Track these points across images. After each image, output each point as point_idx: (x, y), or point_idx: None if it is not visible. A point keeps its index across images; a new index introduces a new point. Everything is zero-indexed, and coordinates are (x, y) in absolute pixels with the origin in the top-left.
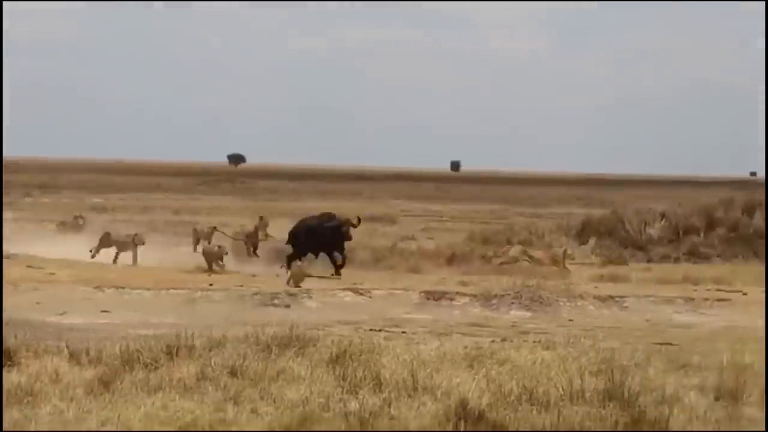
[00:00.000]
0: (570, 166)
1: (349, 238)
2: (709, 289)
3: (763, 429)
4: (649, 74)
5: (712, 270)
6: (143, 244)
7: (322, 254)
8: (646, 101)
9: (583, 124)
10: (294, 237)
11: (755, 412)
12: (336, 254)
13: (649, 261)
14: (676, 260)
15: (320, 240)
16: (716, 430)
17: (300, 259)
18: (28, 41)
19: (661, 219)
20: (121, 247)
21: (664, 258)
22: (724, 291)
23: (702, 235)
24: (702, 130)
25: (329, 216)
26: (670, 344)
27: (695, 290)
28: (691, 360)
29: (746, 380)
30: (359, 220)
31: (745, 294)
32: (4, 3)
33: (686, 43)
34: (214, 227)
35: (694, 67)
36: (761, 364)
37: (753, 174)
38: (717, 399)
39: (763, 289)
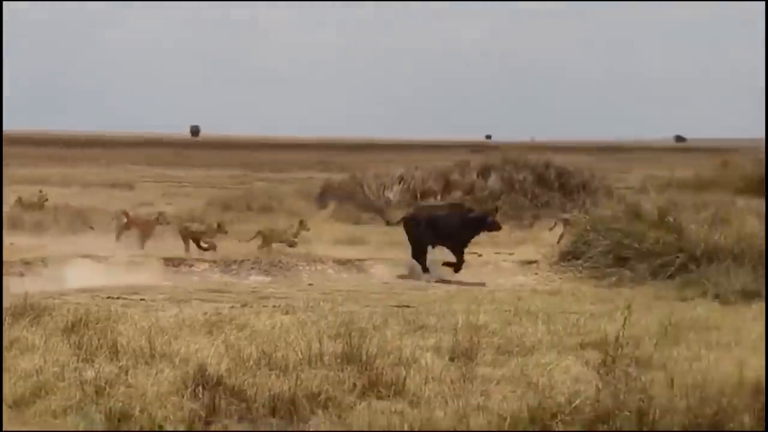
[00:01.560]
0: (310, 131)
1: (499, 228)
2: (444, 251)
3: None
4: (379, 39)
5: None
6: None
7: None
8: (378, 65)
9: (315, 88)
10: (415, 226)
11: (489, 371)
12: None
13: (387, 224)
14: None
15: (453, 232)
16: (452, 389)
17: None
18: None
19: (399, 182)
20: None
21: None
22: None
23: (439, 197)
24: (436, 95)
25: (459, 206)
26: (408, 306)
27: (431, 252)
28: (427, 321)
29: (479, 340)
30: (497, 210)
31: (480, 255)
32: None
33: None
34: None
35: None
36: (495, 325)
37: (488, 137)
38: (452, 359)
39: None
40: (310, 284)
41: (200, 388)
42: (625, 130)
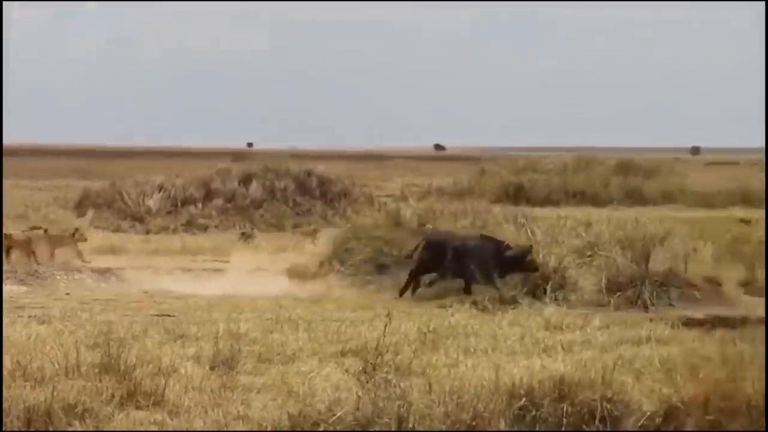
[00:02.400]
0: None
1: (536, 269)
2: (206, 260)
3: None
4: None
5: (209, 240)
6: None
7: None
8: (138, 72)
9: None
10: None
11: (249, 380)
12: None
13: (147, 232)
14: (174, 231)
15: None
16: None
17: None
18: None
19: (159, 190)
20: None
21: (163, 229)
22: (221, 261)
23: (200, 206)
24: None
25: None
26: (169, 315)
27: (194, 261)
28: (188, 330)
29: (240, 349)
30: (531, 248)
31: (241, 264)
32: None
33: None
34: None
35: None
36: (256, 333)
37: (250, 145)
38: (213, 368)
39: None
40: (67, 293)
41: None
42: (385, 139)
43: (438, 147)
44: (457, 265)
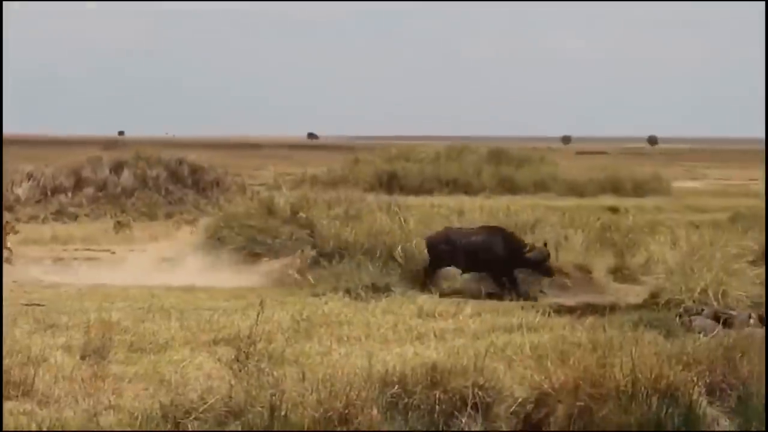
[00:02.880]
0: None
1: (552, 275)
2: (78, 249)
3: None
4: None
5: (80, 229)
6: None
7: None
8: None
9: None
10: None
11: (121, 369)
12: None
13: (17, 221)
14: (44, 220)
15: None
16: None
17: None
18: None
19: (29, 179)
20: None
21: (33, 218)
22: (93, 250)
23: (70, 195)
24: (69, 90)
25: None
26: (38, 305)
27: (65, 250)
28: (58, 320)
29: (112, 338)
30: (545, 244)
31: (113, 253)
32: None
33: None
34: None
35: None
36: (128, 322)
37: (121, 133)
38: (83, 358)
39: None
40: None
41: None
42: (259, 128)
43: (311, 135)
44: (475, 262)
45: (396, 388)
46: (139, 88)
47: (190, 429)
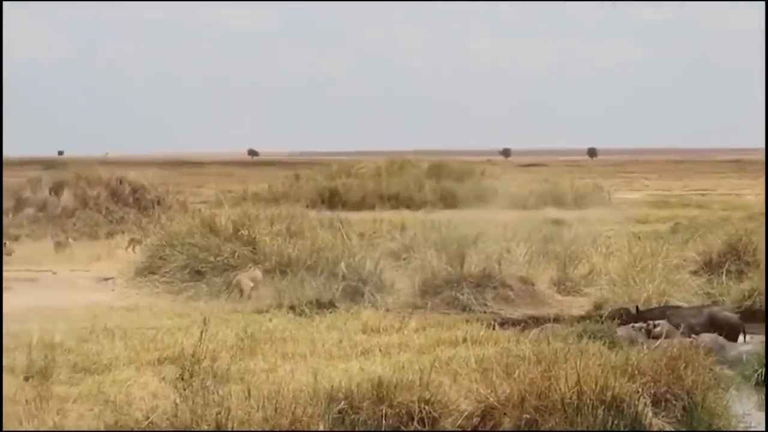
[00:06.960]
0: None
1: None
2: (19, 270)
3: None
4: None
5: (21, 250)
6: None
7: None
8: None
9: None
10: None
11: (65, 390)
12: None
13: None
14: None
15: None
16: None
17: None
18: None
19: None
20: None
21: None
22: (34, 271)
23: (11, 215)
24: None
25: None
26: None
27: (6, 271)
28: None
29: (55, 359)
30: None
31: (54, 273)
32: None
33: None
34: None
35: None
36: (71, 342)
37: (60, 153)
38: (27, 379)
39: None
40: None
41: None
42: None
43: (252, 152)
44: None
45: (342, 404)
46: (76, 106)
47: None
